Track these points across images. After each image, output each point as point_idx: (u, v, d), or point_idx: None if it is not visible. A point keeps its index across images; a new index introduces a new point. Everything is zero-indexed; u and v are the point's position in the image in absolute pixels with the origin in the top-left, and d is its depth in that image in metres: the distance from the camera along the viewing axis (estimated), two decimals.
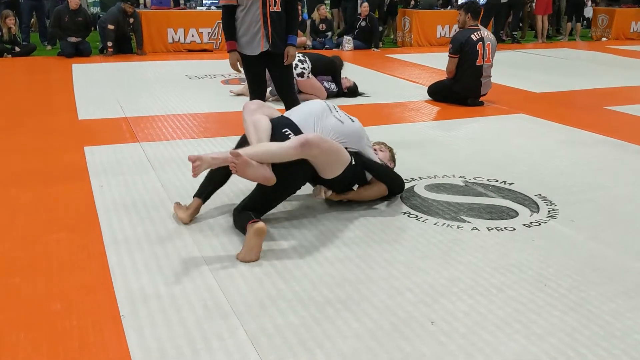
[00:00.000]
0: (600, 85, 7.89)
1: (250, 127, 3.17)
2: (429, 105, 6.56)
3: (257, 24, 4.12)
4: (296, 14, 4.36)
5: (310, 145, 3.00)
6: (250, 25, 4.14)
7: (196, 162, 2.82)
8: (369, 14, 11.30)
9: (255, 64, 4.28)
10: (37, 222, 3.23)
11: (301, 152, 3.00)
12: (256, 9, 4.09)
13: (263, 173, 2.92)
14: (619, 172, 4.27)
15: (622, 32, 14.24)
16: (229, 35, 4.21)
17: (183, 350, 2.14)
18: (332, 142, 3.15)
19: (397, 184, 3.59)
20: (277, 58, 4.25)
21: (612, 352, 2.18)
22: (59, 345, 2.17)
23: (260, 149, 2.98)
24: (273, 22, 4.13)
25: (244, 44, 4.22)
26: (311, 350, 2.16)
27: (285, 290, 2.57)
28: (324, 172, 3.21)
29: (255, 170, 2.89)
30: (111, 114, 5.78)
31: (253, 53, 4.22)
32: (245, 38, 4.19)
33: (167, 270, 2.71)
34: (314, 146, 3.02)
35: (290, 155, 2.99)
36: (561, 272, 2.77)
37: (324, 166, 3.17)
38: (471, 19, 6.48)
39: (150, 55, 10.24)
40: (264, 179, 2.95)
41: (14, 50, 9.76)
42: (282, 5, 4.16)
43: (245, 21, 4.14)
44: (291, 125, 3.23)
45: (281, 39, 4.22)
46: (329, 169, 3.20)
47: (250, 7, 4.09)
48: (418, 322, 2.34)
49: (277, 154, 2.98)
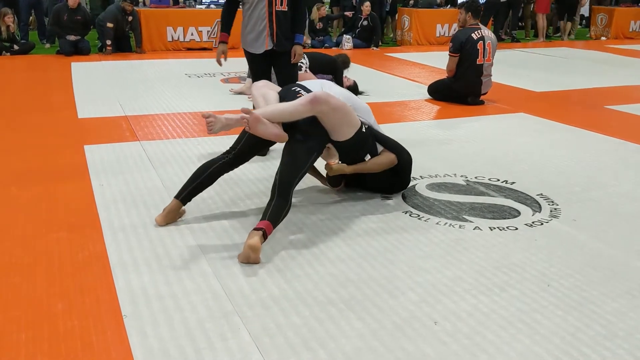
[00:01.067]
0: (600, 85, 7.89)
1: (259, 98, 3.22)
2: (429, 104, 6.55)
3: (262, 22, 4.13)
4: (303, 13, 4.38)
5: (319, 101, 3.03)
6: (256, 23, 4.16)
7: (210, 118, 2.89)
8: (370, 13, 11.29)
9: (260, 62, 4.29)
10: (38, 221, 3.22)
11: (311, 108, 3.03)
12: (262, 7, 4.11)
13: (274, 130, 2.96)
14: (620, 171, 4.27)
15: (621, 31, 14.24)
16: (223, 26, 4.26)
17: (185, 350, 2.13)
18: (341, 102, 3.19)
19: (406, 154, 3.60)
20: (282, 56, 4.26)
21: (615, 352, 2.18)
22: (60, 345, 2.16)
23: (270, 108, 3.05)
24: (279, 20, 4.14)
25: (249, 42, 4.24)
26: (314, 350, 2.15)
27: (288, 290, 2.56)
28: (334, 133, 3.20)
29: (266, 127, 2.93)
30: (111, 113, 5.76)
31: (258, 51, 4.24)
32: (251, 36, 4.21)
33: (169, 270, 2.70)
34: (323, 102, 3.05)
35: (300, 112, 3.03)
36: (564, 271, 2.77)
37: (334, 126, 3.17)
38: (472, 17, 6.47)
39: (150, 53, 10.22)
40: (275, 136, 2.98)
41: (13, 48, 9.73)
42: (289, 4, 4.16)
43: (251, 19, 4.17)
44: (302, 86, 3.33)
45: (286, 37, 4.22)
46: (340, 130, 3.20)
47: (257, 5, 4.11)
48: (421, 322, 2.34)
49: (287, 110, 3.04)
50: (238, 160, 3.30)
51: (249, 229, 3.15)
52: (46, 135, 4.95)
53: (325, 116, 3.11)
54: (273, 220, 2.85)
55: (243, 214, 3.36)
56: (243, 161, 3.34)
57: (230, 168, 3.30)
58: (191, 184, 3.23)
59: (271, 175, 4.00)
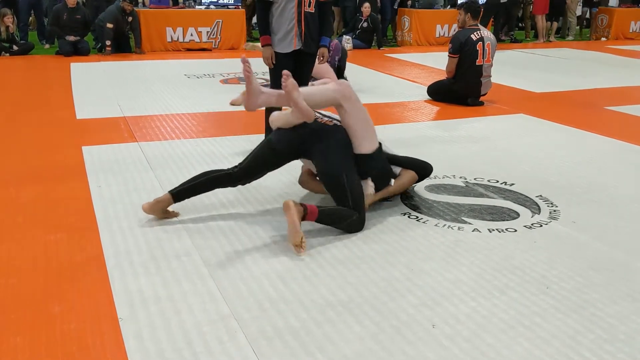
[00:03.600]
0: (600, 85, 7.88)
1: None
2: (428, 105, 6.54)
3: (291, 22, 4.17)
4: (330, 17, 4.45)
5: (344, 89, 3.23)
6: (284, 23, 4.19)
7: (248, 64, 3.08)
8: (370, 15, 11.29)
9: (285, 62, 4.28)
10: (36, 223, 3.20)
11: (339, 89, 3.21)
12: (291, 8, 4.14)
13: (305, 106, 3.07)
14: (619, 172, 4.25)
15: (621, 32, 14.22)
16: (263, 30, 4.27)
17: (182, 354, 2.12)
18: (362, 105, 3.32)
19: (424, 167, 3.67)
20: (307, 57, 4.32)
21: (616, 356, 2.16)
22: (57, 348, 2.15)
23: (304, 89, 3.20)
24: (307, 21, 4.20)
25: (276, 42, 4.25)
26: (312, 354, 2.13)
27: (285, 292, 2.54)
28: (358, 139, 3.23)
29: (299, 97, 3.05)
30: (109, 114, 5.75)
31: (285, 50, 4.25)
32: (279, 35, 4.23)
33: (166, 272, 2.68)
34: (347, 91, 3.23)
35: (327, 96, 3.20)
36: (564, 273, 2.75)
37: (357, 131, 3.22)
38: (471, 18, 6.45)
39: (149, 54, 10.20)
40: (305, 110, 3.06)
41: (12, 48, 9.72)
42: (316, 7, 4.22)
43: (280, 19, 4.19)
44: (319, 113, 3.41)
45: (313, 39, 4.29)
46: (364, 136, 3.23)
47: (286, 5, 4.15)
48: (420, 325, 2.32)
49: (317, 91, 3.22)
50: (243, 175, 3.28)
51: (246, 230, 3.14)
52: (44, 135, 4.93)
53: (349, 114, 3.20)
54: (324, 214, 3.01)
55: (241, 216, 3.34)
56: (249, 179, 3.32)
57: (232, 182, 3.28)
58: (188, 183, 3.26)
59: (269, 177, 3.98)
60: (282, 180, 3.89)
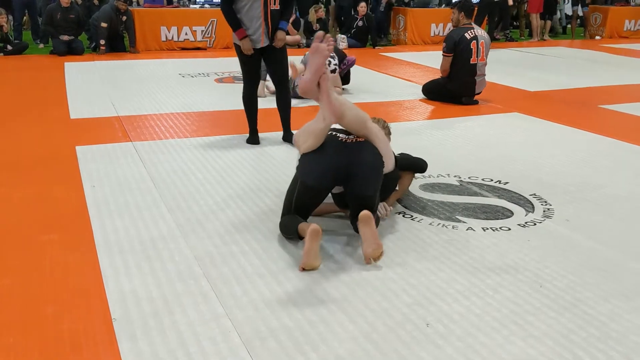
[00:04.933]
0: (595, 84, 7.90)
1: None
2: (423, 104, 6.54)
3: (258, 20, 4.41)
4: (291, 6, 4.68)
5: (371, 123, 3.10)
6: (252, 21, 4.42)
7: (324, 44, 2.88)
8: (366, 14, 11.29)
9: (253, 57, 4.55)
10: (29, 223, 3.19)
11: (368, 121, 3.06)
12: (258, 6, 4.38)
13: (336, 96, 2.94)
14: (614, 171, 4.26)
15: (615, 30, 14.26)
16: (235, 24, 4.45)
17: (176, 354, 2.11)
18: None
19: (420, 166, 3.62)
20: (275, 52, 4.56)
21: (609, 354, 2.16)
22: (50, 349, 2.14)
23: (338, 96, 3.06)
24: (273, 18, 4.46)
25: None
26: (306, 354, 2.13)
27: (279, 291, 2.54)
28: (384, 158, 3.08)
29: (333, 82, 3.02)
30: (104, 113, 5.73)
31: (254, 47, 4.49)
32: (248, 32, 4.44)
33: (160, 273, 2.68)
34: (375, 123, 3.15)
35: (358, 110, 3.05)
36: (557, 272, 2.75)
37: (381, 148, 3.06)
38: (465, 17, 6.46)
39: (143, 53, 10.18)
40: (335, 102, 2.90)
41: (6, 48, 9.68)
42: (281, 3, 4.48)
43: (247, 17, 4.42)
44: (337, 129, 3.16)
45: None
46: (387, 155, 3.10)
47: (253, 4, 4.37)
48: (414, 324, 2.32)
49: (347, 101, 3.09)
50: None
51: (240, 229, 3.14)
52: (38, 135, 4.91)
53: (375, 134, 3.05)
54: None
55: (235, 215, 3.34)
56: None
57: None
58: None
59: (263, 176, 3.98)
60: (278, 180, 3.89)
